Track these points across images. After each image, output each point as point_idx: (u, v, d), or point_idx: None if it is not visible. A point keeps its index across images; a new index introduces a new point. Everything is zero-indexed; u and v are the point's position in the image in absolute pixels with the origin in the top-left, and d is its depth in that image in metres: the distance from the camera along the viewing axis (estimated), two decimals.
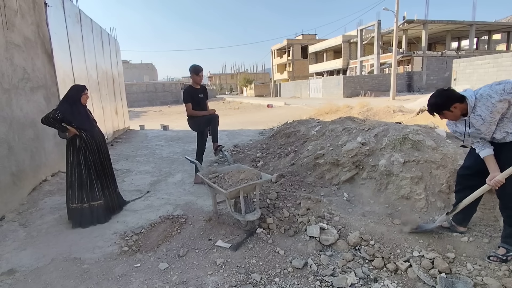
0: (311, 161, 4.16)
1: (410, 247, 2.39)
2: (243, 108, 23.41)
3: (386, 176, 3.38)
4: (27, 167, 3.97)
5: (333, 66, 36.64)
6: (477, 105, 2.09)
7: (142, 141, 8.59)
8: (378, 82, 27.02)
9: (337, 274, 2.17)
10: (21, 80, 4.07)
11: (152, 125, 12.90)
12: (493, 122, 2.10)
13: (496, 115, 2.07)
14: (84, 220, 3.11)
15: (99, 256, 2.58)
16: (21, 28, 4.19)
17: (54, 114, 3.02)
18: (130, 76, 45.29)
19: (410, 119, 7.57)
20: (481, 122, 2.12)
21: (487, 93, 2.05)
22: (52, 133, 4.77)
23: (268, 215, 2.95)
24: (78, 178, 3.12)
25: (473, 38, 28.61)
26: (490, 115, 2.07)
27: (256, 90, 47.86)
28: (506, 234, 2.28)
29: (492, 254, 2.23)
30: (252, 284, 2.13)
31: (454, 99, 2.10)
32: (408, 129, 3.81)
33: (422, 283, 2.04)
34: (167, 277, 2.25)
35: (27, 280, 2.28)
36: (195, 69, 4.26)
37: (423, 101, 13.52)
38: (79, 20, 6.69)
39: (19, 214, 3.44)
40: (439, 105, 2.15)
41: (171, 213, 3.37)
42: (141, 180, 4.78)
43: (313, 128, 5.76)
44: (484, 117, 2.09)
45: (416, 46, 31.36)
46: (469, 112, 2.13)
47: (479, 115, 2.11)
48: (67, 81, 5.58)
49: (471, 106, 2.11)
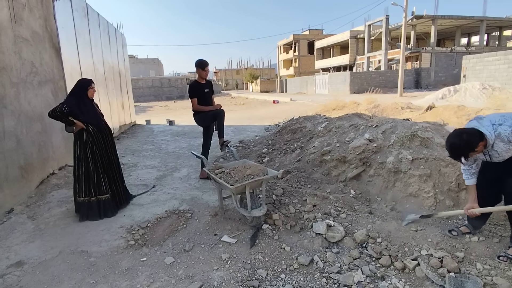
0: (318, 158, 4.13)
1: (418, 246, 2.36)
2: (249, 103, 23.36)
3: (393, 174, 3.34)
4: (34, 161, 4.01)
5: (339, 62, 36.28)
6: (495, 142, 2.08)
7: (148, 136, 8.63)
8: (385, 78, 26.70)
9: (344, 272, 2.16)
10: (29, 74, 4.10)
11: (158, 120, 12.94)
12: (508, 155, 2.12)
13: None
14: (92, 214, 3.14)
15: (106, 250, 2.59)
16: (29, 22, 4.20)
17: (61, 108, 3.03)
18: (136, 71, 45.43)
19: (418, 116, 7.46)
20: (497, 155, 2.15)
21: (507, 134, 2.02)
22: (59, 127, 4.80)
23: (274, 211, 2.94)
24: (85, 172, 3.15)
25: (483, 34, 28.03)
26: (507, 152, 2.10)
27: (261, 85, 47.73)
28: None
29: (502, 254, 2.19)
30: (257, 280, 2.12)
31: (476, 142, 2.05)
32: (417, 126, 3.75)
33: (431, 282, 2.01)
34: (173, 271, 2.26)
35: (35, 272, 2.31)
36: (201, 64, 4.24)
37: (431, 98, 13.35)
38: (86, 14, 6.70)
39: (27, 207, 3.48)
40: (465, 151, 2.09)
41: (177, 208, 3.37)
42: (147, 174, 4.80)
43: (319, 124, 5.72)
44: (500, 152, 2.12)
45: (424, 42, 30.86)
46: (488, 147, 2.12)
47: (496, 151, 2.13)
48: (74, 75, 5.61)
49: (490, 144, 2.09)
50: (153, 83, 39.64)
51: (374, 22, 29.23)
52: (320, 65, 40.25)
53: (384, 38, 27.60)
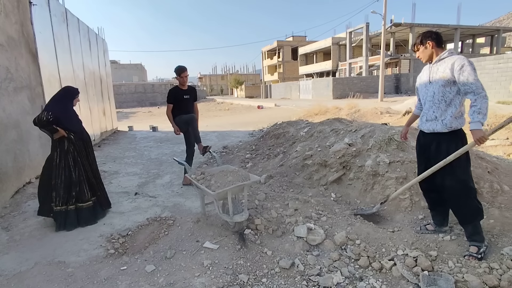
0: (300, 162, 4.20)
1: (395, 246, 2.44)
2: (234, 109, 23.39)
3: (372, 177, 3.44)
4: (9, 169, 3.88)
5: (322, 67, 37.00)
6: (445, 59, 2.30)
7: (130, 143, 8.48)
8: (366, 84, 27.42)
9: (324, 274, 2.20)
10: (4, 80, 3.98)
11: (141, 126, 12.75)
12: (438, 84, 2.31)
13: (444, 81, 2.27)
14: (69, 222, 3.06)
15: (84, 259, 2.54)
16: (5, 27, 4.10)
17: (47, 115, 2.97)
18: (119, 77, 44.66)
19: (396, 120, 7.71)
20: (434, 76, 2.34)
21: (460, 58, 2.22)
22: (36, 134, 4.67)
23: (256, 216, 2.96)
24: (65, 180, 3.08)
25: (457, 42, 29.35)
26: (443, 73, 2.27)
27: (246, 91, 47.89)
28: (469, 233, 2.37)
29: (467, 254, 2.30)
30: (239, 285, 2.13)
31: (436, 39, 2.35)
32: (394, 130, 3.88)
33: (406, 281, 2.09)
34: (153, 280, 2.24)
35: (10, 284, 2.23)
36: (178, 70, 4.24)
37: (410, 103, 13.79)
38: (65, 19, 6.58)
39: (1, 218, 3.36)
40: (425, 35, 2.38)
41: (159, 215, 3.34)
42: (129, 182, 4.72)
43: (302, 129, 5.81)
44: (438, 74, 2.31)
45: (403, 49, 31.98)
46: (435, 58, 2.35)
47: (437, 69, 2.33)
48: (53, 82, 5.48)
49: (441, 56, 2.33)
50: (136, 88, 39.06)
51: (355, 29, 30.06)
52: (304, 71, 40.90)
53: (365, 45, 28.40)
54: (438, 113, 2.33)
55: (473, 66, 2.17)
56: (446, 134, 2.33)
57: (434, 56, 2.37)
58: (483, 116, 2.11)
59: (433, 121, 2.37)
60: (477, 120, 2.11)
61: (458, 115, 2.30)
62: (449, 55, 2.30)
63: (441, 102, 2.31)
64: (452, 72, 2.22)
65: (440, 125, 2.33)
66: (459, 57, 2.23)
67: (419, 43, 2.40)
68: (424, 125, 2.45)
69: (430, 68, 2.40)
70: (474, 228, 2.34)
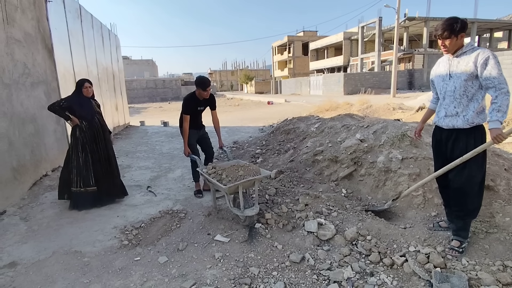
0: (310, 158, 4.18)
1: (407, 242, 2.42)
2: (244, 105, 23.40)
3: (384, 173, 3.40)
4: (27, 162, 4.00)
5: (334, 63, 36.53)
6: (468, 53, 2.18)
7: (142, 137, 8.61)
8: (378, 79, 26.97)
9: (334, 268, 2.20)
10: (22, 75, 4.09)
11: (152, 121, 12.92)
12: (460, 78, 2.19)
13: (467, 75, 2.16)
14: (81, 204, 3.40)
15: (99, 250, 2.61)
16: (22, 23, 4.20)
17: (60, 102, 3.44)
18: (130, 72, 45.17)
19: (409, 116, 7.58)
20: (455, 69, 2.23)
21: (486, 51, 2.12)
22: (52, 129, 4.80)
23: (266, 210, 2.98)
24: (77, 165, 3.42)
25: (474, 36, 28.48)
26: (463, 73, 2.17)
27: (256, 87, 47.82)
28: (458, 228, 2.37)
29: (448, 247, 2.33)
30: (250, 277, 2.16)
31: (464, 26, 2.16)
32: (407, 126, 3.82)
33: (417, 278, 2.07)
34: (166, 270, 2.29)
35: (29, 272, 2.32)
36: (203, 84, 3.50)
37: (424, 99, 13.52)
38: (79, 15, 6.69)
39: (20, 208, 3.48)
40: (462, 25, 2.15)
41: (171, 208, 3.40)
42: (141, 175, 4.81)
43: (312, 125, 5.78)
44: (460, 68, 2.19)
45: (417, 44, 31.25)
46: (461, 50, 2.21)
47: (458, 62, 2.22)
48: (68, 77, 5.60)
49: (465, 47, 2.19)
50: (147, 84, 39.48)
51: (367, 23, 29.52)
52: (315, 66, 40.48)
53: (377, 40, 27.88)
54: (460, 108, 2.23)
55: (497, 60, 2.07)
56: (466, 130, 2.25)
57: (459, 48, 2.23)
58: (502, 114, 2.04)
59: (454, 116, 2.27)
60: (495, 119, 2.05)
61: (480, 110, 2.21)
62: (471, 48, 2.20)
63: (463, 97, 2.21)
64: (475, 65, 2.12)
65: (461, 120, 2.23)
66: (483, 50, 2.14)
67: (452, 32, 2.15)
68: (443, 120, 2.35)
69: (450, 61, 2.28)
70: (465, 225, 2.36)
